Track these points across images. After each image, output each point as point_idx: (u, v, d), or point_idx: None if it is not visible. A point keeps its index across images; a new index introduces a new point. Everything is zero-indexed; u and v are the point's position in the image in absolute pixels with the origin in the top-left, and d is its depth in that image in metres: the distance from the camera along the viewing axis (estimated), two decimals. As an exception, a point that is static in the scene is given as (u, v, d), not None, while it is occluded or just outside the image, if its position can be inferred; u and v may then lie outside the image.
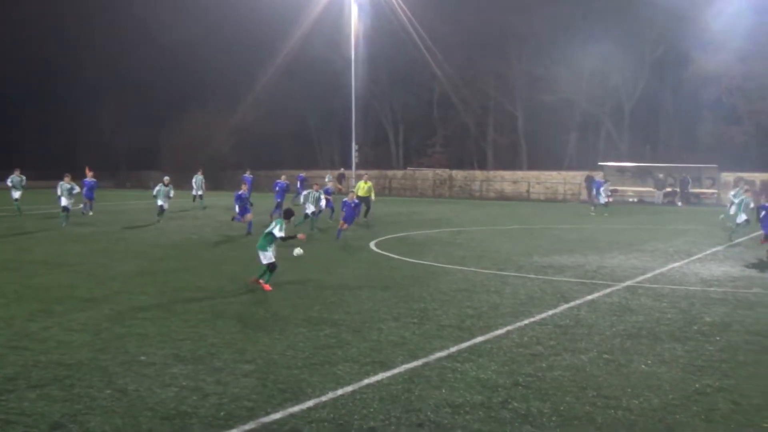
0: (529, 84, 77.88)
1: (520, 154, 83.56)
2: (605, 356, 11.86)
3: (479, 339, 12.85)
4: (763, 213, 25.02)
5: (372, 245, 27.47)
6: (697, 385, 10.31)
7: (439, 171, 78.53)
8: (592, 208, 47.62)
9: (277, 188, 37.73)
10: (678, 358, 11.84)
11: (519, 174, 74.79)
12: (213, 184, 67.01)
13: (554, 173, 73.54)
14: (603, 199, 45.24)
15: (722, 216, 33.72)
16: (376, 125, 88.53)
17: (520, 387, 10.12)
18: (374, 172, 68.35)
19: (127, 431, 8.28)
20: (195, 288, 18.05)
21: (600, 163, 69.07)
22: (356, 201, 32.24)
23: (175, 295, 16.90)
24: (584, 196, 64.53)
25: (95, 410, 8.93)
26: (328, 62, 79.56)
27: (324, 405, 9.26)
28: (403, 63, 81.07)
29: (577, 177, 68.80)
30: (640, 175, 65.96)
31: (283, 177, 33.86)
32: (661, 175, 63.37)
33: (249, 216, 29.69)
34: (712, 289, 18.47)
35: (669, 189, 61.86)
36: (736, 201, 30.17)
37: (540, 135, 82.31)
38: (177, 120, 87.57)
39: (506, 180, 73.85)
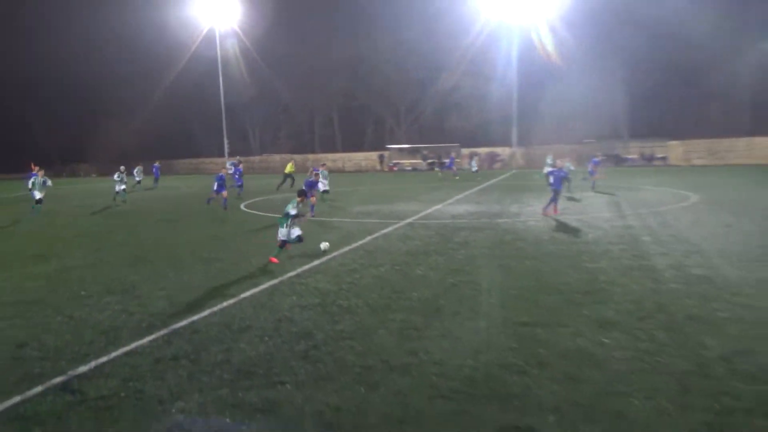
0: (341, 94, 78.09)
1: (336, 142, 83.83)
2: (396, 267, 12.40)
3: (316, 262, 13.08)
4: (552, 178, 20.51)
5: (242, 206, 27.00)
6: (451, 281, 11.03)
7: (285, 155, 77.56)
8: (457, 176, 44.96)
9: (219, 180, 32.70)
10: (440, 264, 12.55)
11: (337, 155, 74.98)
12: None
13: (359, 153, 74.41)
14: (474, 168, 46.24)
15: (438, 172, 32.25)
16: (241, 125, 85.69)
17: (343, 291, 10.47)
18: (243, 157, 66.33)
19: (75, 343, 8.01)
20: (118, 243, 17.21)
21: (387, 146, 70.51)
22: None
23: (104, 250, 16.04)
24: (378, 166, 65.72)
25: (50, 332, 8.56)
26: (202, 84, 76.29)
27: (215, 313, 9.28)
28: (258, 81, 78.70)
29: (373, 155, 70.03)
30: (412, 153, 67.93)
31: (223, 171, 28.08)
32: (425, 152, 65.59)
33: (224, 193, 25.54)
34: (458, 221, 19.44)
35: (430, 161, 64.12)
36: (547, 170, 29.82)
37: (348, 128, 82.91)
38: (98, 120, 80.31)
39: (328, 159, 73.91)
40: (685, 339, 7.49)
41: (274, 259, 13.17)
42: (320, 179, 24.92)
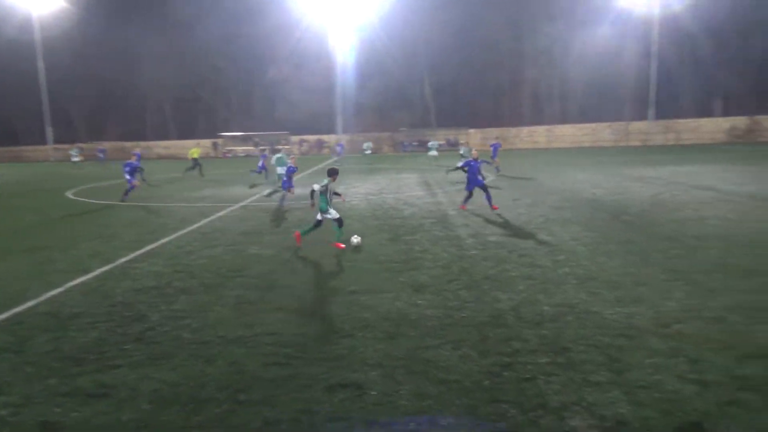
0: (173, 83, 73.26)
1: (168, 130, 78.86)
2: (231, 247, 12.01)
3: (151, 246, 12.26)
4: (468, 169, 16.13)
5: (69, 194, 24.39)
6: (285, 257, 10.92)
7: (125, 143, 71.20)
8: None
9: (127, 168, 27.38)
10: (275, 243, 12.37)
11: (170, 143, 70.43)
12: None
13: (193, 141, 70.61)
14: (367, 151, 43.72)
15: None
16: (64, 112, 76.77)
17: (178, 272, 9.93)
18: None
19: None
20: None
21: (220, 133, 67.70)
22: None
23: None
24: (212, 153, 62.92)
25: None
26: (20, 69, 67.04)
27: (41, 303, 8.31)
28: (83, 66, 70.70)
29: (207, 142, 66.84)
30: (245, 140, 66.00)
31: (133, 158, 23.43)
32: (257, 139, 64.05)
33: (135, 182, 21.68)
34: (292, 203, 19.23)
35: (262, 147, 62.97)
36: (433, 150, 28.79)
37: (181, 116, 78.36)
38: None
39: (161, 146, 69.23)
40: (483, 295, 8.11)
41: (339, 245, 11.47)
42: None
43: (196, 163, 33.70)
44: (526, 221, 13.91)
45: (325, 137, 64.66)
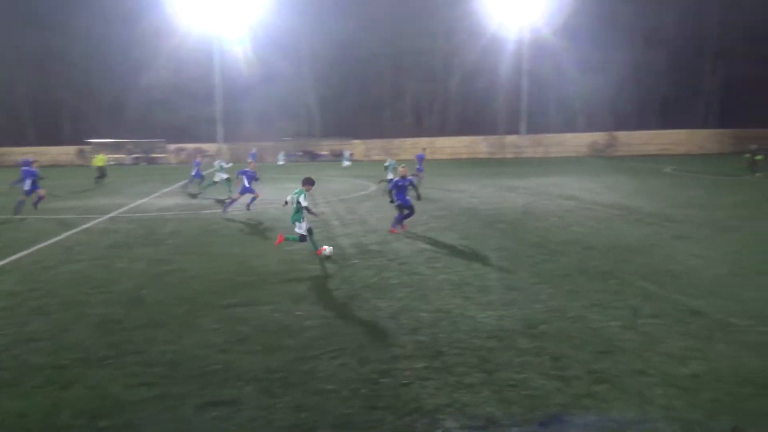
0: (31, 86, 67.13)
1: (26, 136, 72.02)
2: (97, 261, 11.21)
3: (2, 263, 11.10)
4: (395, 191, 14.38)
5: None
6: (155, 271, 10.35)
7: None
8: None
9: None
10: (144, 256, 11.67)
11: (28, 149, 64.29)
12: None
13: (56, 147, 65.16)
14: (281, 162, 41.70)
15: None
16: None
17: (34, 291, 9.08)
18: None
19: None
20: None
21: (88, 140, 63.16)
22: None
23: None
24: (78, 161, 58.56)
25: None
26: None
27: None
28: None
29: (71, 149, 62.05)
30: (117, 147, 62.02)
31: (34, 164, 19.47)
32: (130, 146, 60.57)
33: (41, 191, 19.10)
34: (165, 213, 18.40)
35: (135, 155, 59.62)
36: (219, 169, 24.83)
37: (42, 121, 71.89)
38: None
39: (15, 153, 63.01)
40: (363, 304, 8.18)
41: (321, 250, 11.05)
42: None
43: (102, 172, 31.30)
44: (407, 230, 14.24)
45: (204, 145, 62.37)
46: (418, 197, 13.51)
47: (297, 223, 11.14)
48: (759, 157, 28.60)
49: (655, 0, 61.44)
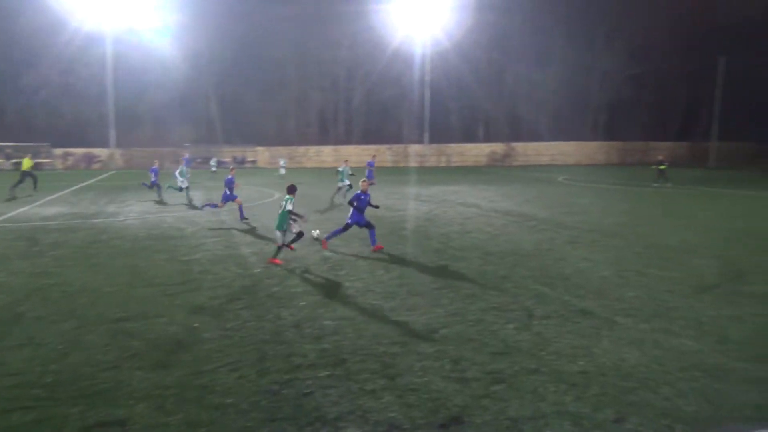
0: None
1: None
2: (-34, 276, 10.20)
3: None
4: (357, 203, 12.52)
5: None
6: (35, 285, 9.59)
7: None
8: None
9: None
10: (24, 269, 10.80)
11: None
12: None
13: None
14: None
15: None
16: None
17: None
18: None
19: None
20: None
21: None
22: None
23: None
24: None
25: None
26: None
27: None
28: None
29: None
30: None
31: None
32: (8, 150, 55.80)
33: None
34: (48, 222, 17.09)
35: (14, 161, 55.02)
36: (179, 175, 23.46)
37: None
38: None
39: None
40: (265, 314, 8.00)
41: (277, 260, 11.14)
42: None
43: (26, 175, 26.60)
44: (309, 238, 14.11)
45: (95, 150, 58.80)
46: (376, 206, 13.53)
47: (279, 232, 11.20)
48: (663, 167, 31.35)
49: (546, 20, 65.32)
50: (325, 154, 60.32)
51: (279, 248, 11.39)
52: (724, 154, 56.21)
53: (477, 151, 62.14)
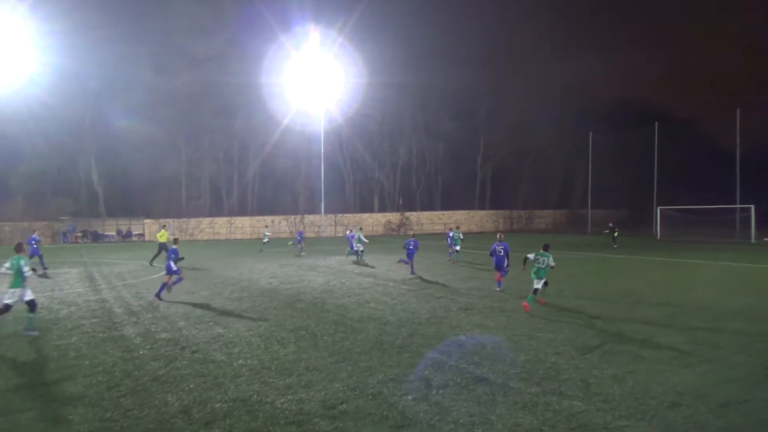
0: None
1: None
2: None
3: None
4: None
5: None
6: None
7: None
8: None
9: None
10: None
11: None
12: None
13: None
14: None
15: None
16: None
17: None
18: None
19: None
20: None
21: None
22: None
23: None
24: None
25: None
26: None
27: None
28: None
29: None
30: None
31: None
32: None
33: None
34: None
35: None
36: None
37: None
38: None
39: None
40: (149, 399, 7.44)
41: None
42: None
43: (161, 248, 24.14)
44: (200, 315, 13.50)
45: (-43, 225, 53.51)
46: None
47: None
48: (616, 234, 37.68)
49: (433, 96, 69.48)
50: (219, 226, 58.81)
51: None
52: (600, 218, 60.75)
53: (372, 221, 63.33)
